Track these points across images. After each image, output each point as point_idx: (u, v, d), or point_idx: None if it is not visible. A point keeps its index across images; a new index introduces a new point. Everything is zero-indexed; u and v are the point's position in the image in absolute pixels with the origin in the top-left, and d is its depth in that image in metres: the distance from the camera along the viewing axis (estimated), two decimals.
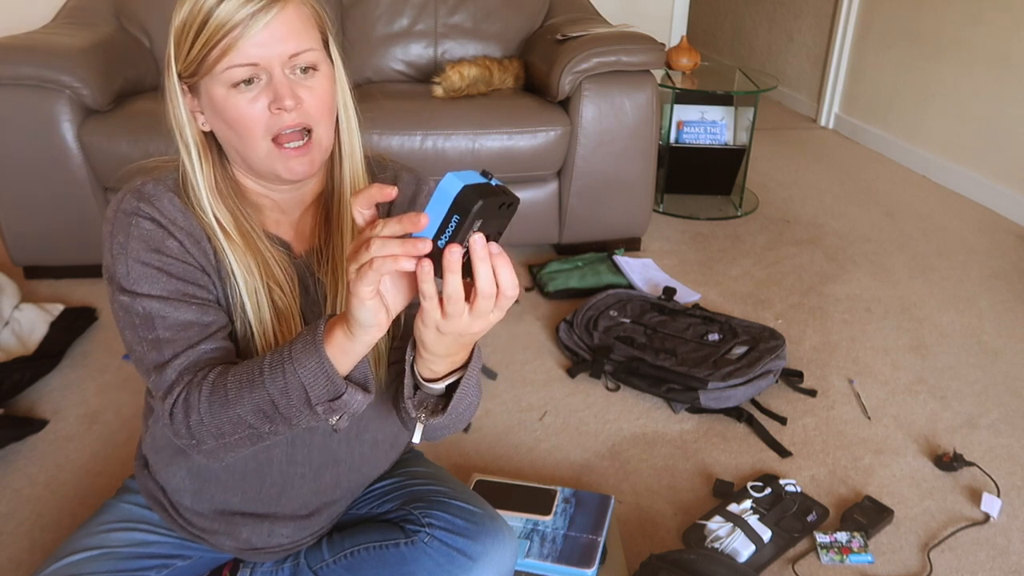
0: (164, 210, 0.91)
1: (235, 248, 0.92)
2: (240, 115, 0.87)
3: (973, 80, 3.20)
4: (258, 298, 0.93)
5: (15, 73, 2.09)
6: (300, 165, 0.90)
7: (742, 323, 2.11)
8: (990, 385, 1.99)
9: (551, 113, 2.38)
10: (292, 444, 1.03)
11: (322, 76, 0.90)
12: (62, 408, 1.84)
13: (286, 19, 0.85)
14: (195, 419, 0.86)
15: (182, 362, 0.89)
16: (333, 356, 0.80)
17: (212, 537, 1.09)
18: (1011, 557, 1.47)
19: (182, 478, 1.06)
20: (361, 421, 1.06)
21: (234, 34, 0.83)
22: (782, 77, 4.59)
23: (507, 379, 1.98)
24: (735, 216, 3.00)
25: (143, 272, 0.89)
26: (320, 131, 0.91)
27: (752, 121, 2.97)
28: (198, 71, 0.86)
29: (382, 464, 1.15)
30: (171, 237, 0.91)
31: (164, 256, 0.90)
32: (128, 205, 0.91)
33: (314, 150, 0.91)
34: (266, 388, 0.82)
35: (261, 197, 0.98)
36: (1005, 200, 3.07)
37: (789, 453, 1.73)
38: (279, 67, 0.86)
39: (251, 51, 0.84)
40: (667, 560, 1.35)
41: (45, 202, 2.25)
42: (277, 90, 0.86)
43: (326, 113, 0.91)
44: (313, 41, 0.89)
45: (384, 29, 2.74)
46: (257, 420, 0.85)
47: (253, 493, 1.05)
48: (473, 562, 1.00)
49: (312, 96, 0.89)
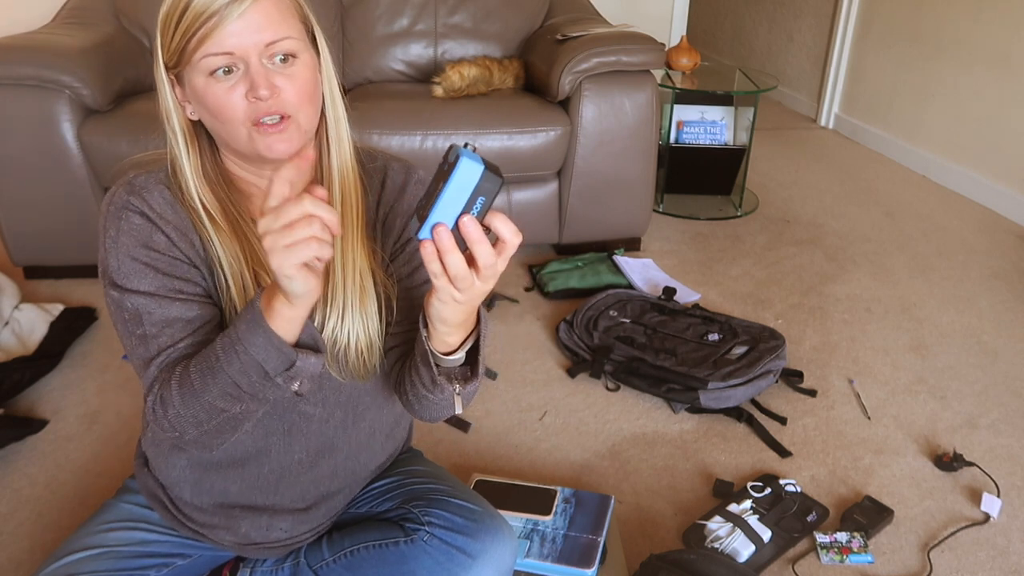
0: (153, 203, 0.94)
1: (221, 234, 0.94)
2: (219, 104, 0.88)
3: (973, 80, 3.20)
4: (244, 283, 0.95)
5: (15, 73, 2.10)
6: (279, 143, 0.90)
7: (742, 323, 2.11)
8: (990, 385, 1.99)
9: (551, 113, 2.38)
10: (289, 432, 1.04)
11: (301, 65, 0.90)
12: (62, 408, 1.84)
13: (262, 8, 0.86)
14: (172, 412, 0.89)
15: (163, 359, 0.92)
16: (279, 327, 0.83)
17: (212, 532, 1.09)
18: (1011, 557, 1.47)
19: (182, 469, 1.06)
20: (357, 408, 1.07)
21: (210, 23, 0.84)
22: (782, 77, 4.59)
23: (507, 379, 1.98)
24: (735, 216, 3.00)
25: (132, 267, 0.92)
26: (299, 116, 0.91)
27: (752, 121, 2.97)
28: (180, 61, 0.88)
29: (378, 455, 1.16)
30: (159, 231, 0.93)
31: (152, 251, 0.93)
32: (119, 199, 0.93)
33: (291, 128, 0.91)
34: (225, 372, 0.85)
35: (250, 185, 0.99)
36: (1005, 200, 3.07)
37: (789, 453, 1.73)
38: (256, 56, 0.87)
39: (227, 40, 0.85)
40: (667, 560, 1.35)
41: (45, 202, 2.25)
42: (253, 79, 0.87)
43: (305, 101, 0.91)
44: (291, 30, 0.89)
45: (384, 29, 2.74)
46: (227, 403, 0.87)
47: (252, 480, 1.06)
48: (473, 560, 1.00)
49: (291, 84, 0.89)
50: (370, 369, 1.01)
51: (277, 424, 1.03)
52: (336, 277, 0.96)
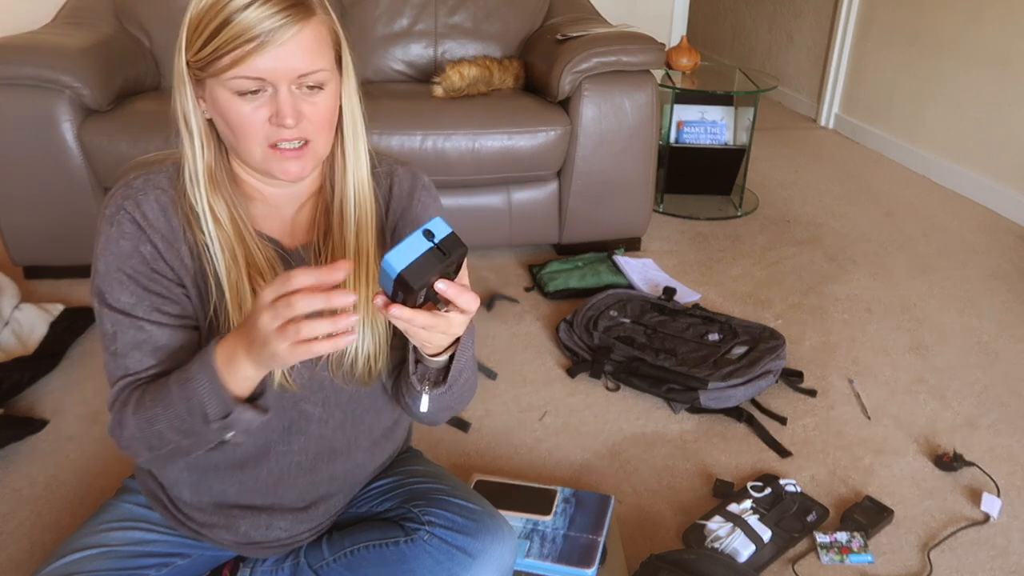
0: (147, 210, 0.94)
1: (224, 237, 0.93)
2: (241, 121, 0.87)
3: (973, 80, 3.20)
4: (240, 292, 0.94)
5: (15, 73, 2.09)
6: (294, 166, 0.91)
7: (742, 323, 2.11)
8: (990, 385, 1.99)
9: (551, 113, 2.38)
10: (288, 432, 1.04)
11: (327, 94, 0.90)
12: (62, 408, 1.84)
13: (303, 39, 0.85)
14: (127, 434, 0.92)
15: (127, 383, 0.94)
16: (232, 379, 0.84)
17: (211, 532, 1.09)
18: (1011, 557, 1.47)
19: (180, 470, 1.06)
20: (356, 411, 1.07)
21: (250, 47, 0.83)
22: (782, 77, 4.59)
23: (507, 379, 1.98)
24: (735, 216, 3.00)
25: (116, 277, 0.93)
26: (318, 142, 0.92)
27: (752, 121, 2.97)
28: (206, 69, 0.86)
29: (377, 457, 1.16)
30: (147, 241, 0.93)
31: (137, 263, 0.93)
32: (114, 203, 0.94)
33: (308, 155, 0.91)
34: (174, 405, 0.87)
35: (255, 191, 0.99)
36: (1005, 200, 3.07)
37: (789, 453, 1.73)
38: (286, 84, 0.86)
39: (262, 66, 0.84)
40: (667, 560, 1.35)
41: (45, 202, 2.25)
42: (280, 107, 0.86)
43: (325, 127, 0.92)
44: (325, 61, 0.89)
45: (384, 29, 2.74)
46: (175, 435, 0.89)
47: (250, 483, 1.06)
48: (473, 559, 1.00)
49: (314, 111, 0.89)
50: (375, 375, 1.02)
51: (276, 422, 1.03)
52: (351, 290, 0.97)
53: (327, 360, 1.01)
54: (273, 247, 0.98)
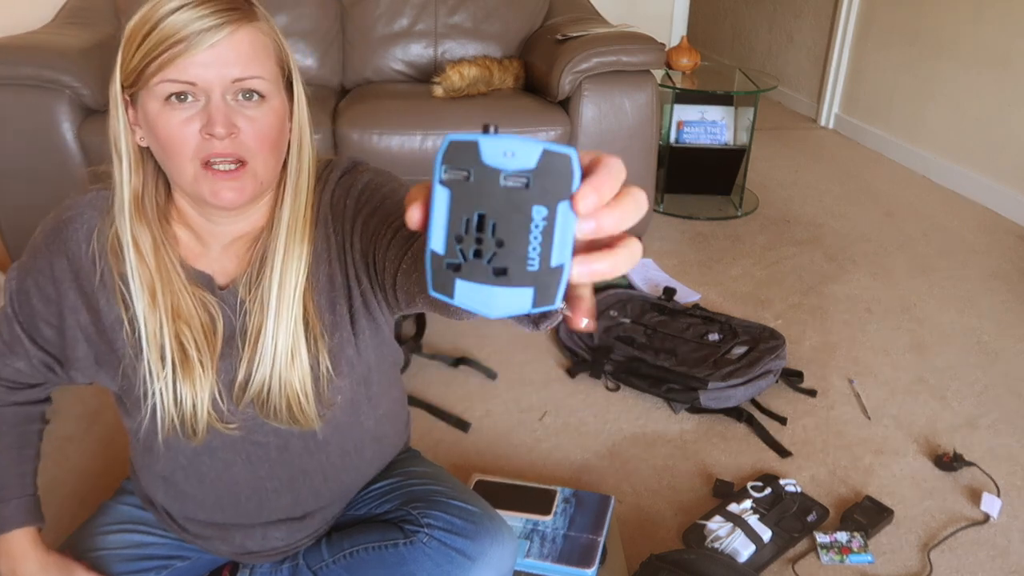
0: (77, 231, 0.92)
1: (144, 272, 0.88)
2: (170, 134, 0.81)
3: (973, 80, 3.20)
4: (161, 333, 0.89)
5: (15, 73, 2.09)
6: (229, 191, 0.83)
7: (742, 323, 2.11)
8: (990, 385, 1.99)
9: (551, 113, 2.38)
10: (250, 461, 1.00)
11: (268, 109, 0.83)
12: (62, 408, 1.83)
13: (236, 43, 0.80)
14: None
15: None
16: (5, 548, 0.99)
17: (207, 543, 1.09)
18: (1011, 557, 1.47)
19: (163, 494, 1.06)
20: (316, 437, 1.00)
21: (176, 49, 0.78)
22: (782, 77, 4.59)
23: (507, 379, 1.98)
24: (735, 216, 3.00)
25: (22, 284, 0.96)
26: (256, 164, 0.84)
27: (752, 121, 2.97)
28: (136, 82, 0.81)
29: (364, 469, 1.12)
30: (61, 263, 0.93)
31: (43, 279, 0.94)
32: (52, 219, 0.94)
33: (245, 178, 0.83)
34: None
35: (200, 228, 0.92)
36: (1005, 200, 3.07)
37: (789, 453, 1.73)
38: (219, 91, 0.80)
39: (191, 70, 0.79)
40: (667, 560, 1.35)
41: (45, 202, 2.21)
42: (211, 115, 0.80)
43: (266, 147, 0.84)
44: (264, 71, 0.82)
45: (384, 29, 2.74)
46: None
47: (232, 511, 1.04)
48: (472, 562, 1.00)
49: (251, 126, 0.82)
50: (311, 418, 0.94)
51: (232, 456, 0.99)
52: (267, 333, 0.89)
53: (254, 403, 0.94)
54: (204, 287, 0.92)
